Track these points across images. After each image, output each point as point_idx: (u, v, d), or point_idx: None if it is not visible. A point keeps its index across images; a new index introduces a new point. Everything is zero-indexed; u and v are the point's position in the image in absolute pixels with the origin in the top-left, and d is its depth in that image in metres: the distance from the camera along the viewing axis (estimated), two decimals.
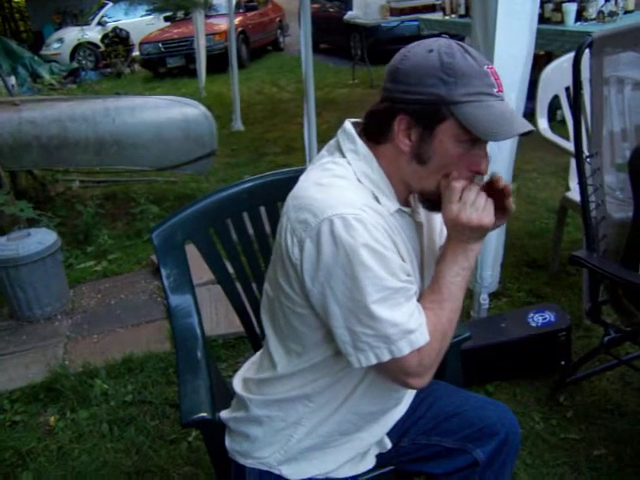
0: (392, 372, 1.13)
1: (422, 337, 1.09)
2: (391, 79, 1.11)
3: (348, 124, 1.19)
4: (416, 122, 1.09)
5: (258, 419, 1.26)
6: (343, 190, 1.10)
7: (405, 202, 1.19)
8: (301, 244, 1.07)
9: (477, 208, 1.11)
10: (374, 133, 1.15)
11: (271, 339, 1.24)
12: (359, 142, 1.16)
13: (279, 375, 1.23)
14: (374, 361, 1.09)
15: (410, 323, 1.08)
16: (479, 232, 1.14)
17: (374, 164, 1.14)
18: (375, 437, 1.32)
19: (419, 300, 1.15)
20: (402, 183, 1.16)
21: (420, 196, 1.18)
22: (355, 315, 1.06)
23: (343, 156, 1.16)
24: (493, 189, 1.15)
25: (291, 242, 1.09)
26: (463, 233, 1.14)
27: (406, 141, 1.11)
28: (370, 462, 1.34)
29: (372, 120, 1.16)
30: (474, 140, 1.08)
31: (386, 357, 1.08)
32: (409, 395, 1.38)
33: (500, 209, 1.15)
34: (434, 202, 1.15)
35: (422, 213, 1.24)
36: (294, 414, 1.24)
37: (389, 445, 1.36)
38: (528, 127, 1.08)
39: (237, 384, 1.35)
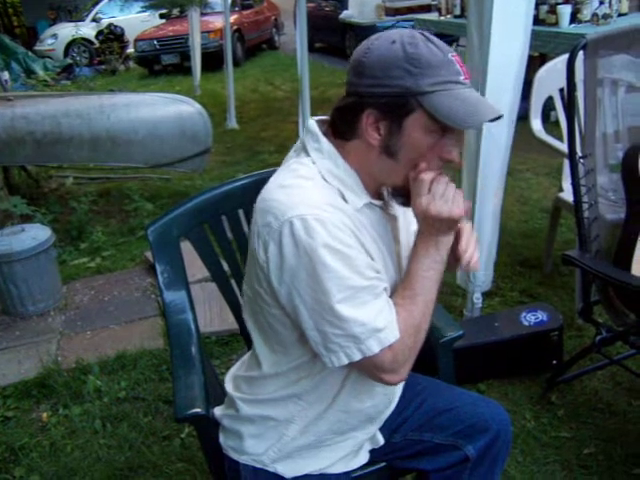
0: (367, 370, 1.13)
1: (391, 334, 1.08)
2: (356, 73, 1.09)
3: (312, 123, 1.18)
4: (384, 115, 1.07)
5: (250, 418, 1.27)
6: (306, 190, 1.09)
7: (377, 196, 1.18)
8: (265, 246, 1.07)
9: (447, 200, 1.10)
10: (342, 129, 1.13)
11: (256, 339, 1.24)
12: (323, 140, 1.14)
13: (265, 374, 1.23)
14: (346, 361, 1.09)
15: (377, 321, 1.07)
16: (449, 224, 1.13)
17: (339, 161, 1.13)
18: (368, 434, 1.33)
19: (392, 296, 1.14)
20: (372, 178, 1.15)
21: (392, 191, 1.17)
22: (322, 316, 1.06)
23: (308, 155, 1.15)
24: None
25: (257, 245, 1.09)
26: (433, 226, 1.13)
27: (375, 135, 1.09)
28: (364, 458, 1.34)
29: (339, 116, 1.14)
30: (444, 129, 1.07)
31: (357, 356, 1.08)
32: (398, 391, 1.39)
33: None
34: (406, 197, 1.14)
35: (397, 206, 1.22)
36: (285, 413, 1.24)
37: (382, 441, 1.36)
38: (497, 113, 1.08)
39: (229, 383, 1.36)
